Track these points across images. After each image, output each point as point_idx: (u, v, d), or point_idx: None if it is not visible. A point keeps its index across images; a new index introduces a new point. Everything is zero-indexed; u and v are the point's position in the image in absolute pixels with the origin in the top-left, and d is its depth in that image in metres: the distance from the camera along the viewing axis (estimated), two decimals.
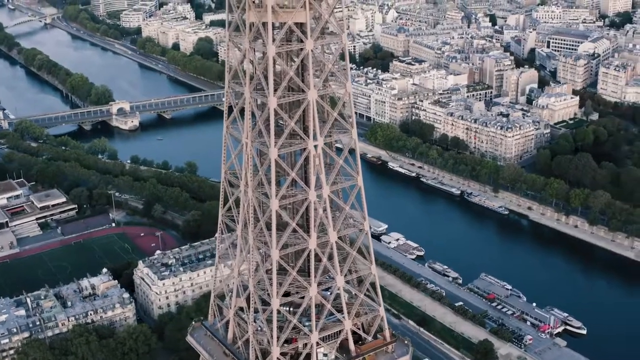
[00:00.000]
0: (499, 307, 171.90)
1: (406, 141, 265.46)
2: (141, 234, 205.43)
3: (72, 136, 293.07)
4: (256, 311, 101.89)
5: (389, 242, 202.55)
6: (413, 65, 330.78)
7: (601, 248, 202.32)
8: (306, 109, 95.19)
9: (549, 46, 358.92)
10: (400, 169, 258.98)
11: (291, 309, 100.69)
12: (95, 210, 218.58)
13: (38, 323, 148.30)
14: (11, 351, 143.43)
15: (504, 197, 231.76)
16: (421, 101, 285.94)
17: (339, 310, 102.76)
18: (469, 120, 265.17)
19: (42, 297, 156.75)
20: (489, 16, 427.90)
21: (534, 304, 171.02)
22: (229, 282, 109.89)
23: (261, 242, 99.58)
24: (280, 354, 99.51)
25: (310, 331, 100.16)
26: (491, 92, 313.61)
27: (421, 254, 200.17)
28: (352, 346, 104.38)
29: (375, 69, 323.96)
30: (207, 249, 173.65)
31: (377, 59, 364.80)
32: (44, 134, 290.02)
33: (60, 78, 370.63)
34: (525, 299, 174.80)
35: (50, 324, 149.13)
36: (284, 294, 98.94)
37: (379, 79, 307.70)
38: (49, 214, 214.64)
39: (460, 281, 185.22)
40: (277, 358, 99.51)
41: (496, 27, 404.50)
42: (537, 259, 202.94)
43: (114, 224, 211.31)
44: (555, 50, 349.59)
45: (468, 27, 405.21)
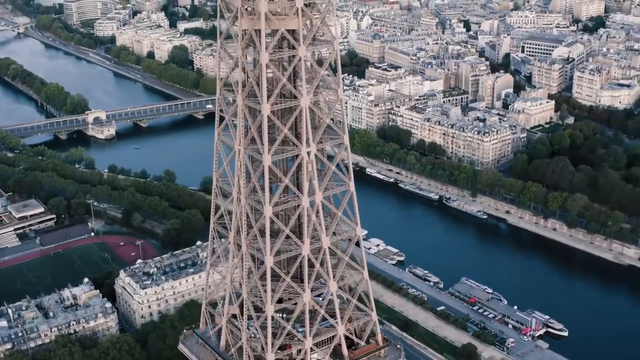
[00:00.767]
0: (481, 310, 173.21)
1: (384, 147, 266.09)
2: (121, 243, 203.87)
3: (48, 146, 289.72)
4: (249, 318, 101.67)
5: (369, 248, 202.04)
6: (389, 71, 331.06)
7: (580, 250, 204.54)
8: (299, 116, 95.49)
9: (523, 51, 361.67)
10: (378, 175, 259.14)
11: (284, 315, 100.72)
12: (74, 220, 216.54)
13: (20, 334, 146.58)
14: None
15: (482, 202, 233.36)
16: (398, 107, 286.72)
17: (332, 316, 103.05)
18: (446, 125, 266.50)
19: (24, 308, 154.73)
20: (463, 22, 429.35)
21: (515, 307, 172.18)
22: (220, 289, 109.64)
23: (254, 248, 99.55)
24: None
25: (305, 337, 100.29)
26: (467, 97, 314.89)
27: (401, 259, 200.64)
28: (345, 351, 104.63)
29: (351, 76, 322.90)
30: (189, 257, 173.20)
31: (353, 65, 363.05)
32: (20, 144, 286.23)
33: (35, 87, 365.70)
34: (506, 302, 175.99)
35: (33, 335, 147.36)
36: (277, 300, 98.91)
37: (355, 85, 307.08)
38: (28, 225, 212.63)
39: (442, 286, 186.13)
40: None
41: (470, 32, 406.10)
42: (517, 263, 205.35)
43: (93, 234, 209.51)
44: (530, 55, 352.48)
45: (442, 32, 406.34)
